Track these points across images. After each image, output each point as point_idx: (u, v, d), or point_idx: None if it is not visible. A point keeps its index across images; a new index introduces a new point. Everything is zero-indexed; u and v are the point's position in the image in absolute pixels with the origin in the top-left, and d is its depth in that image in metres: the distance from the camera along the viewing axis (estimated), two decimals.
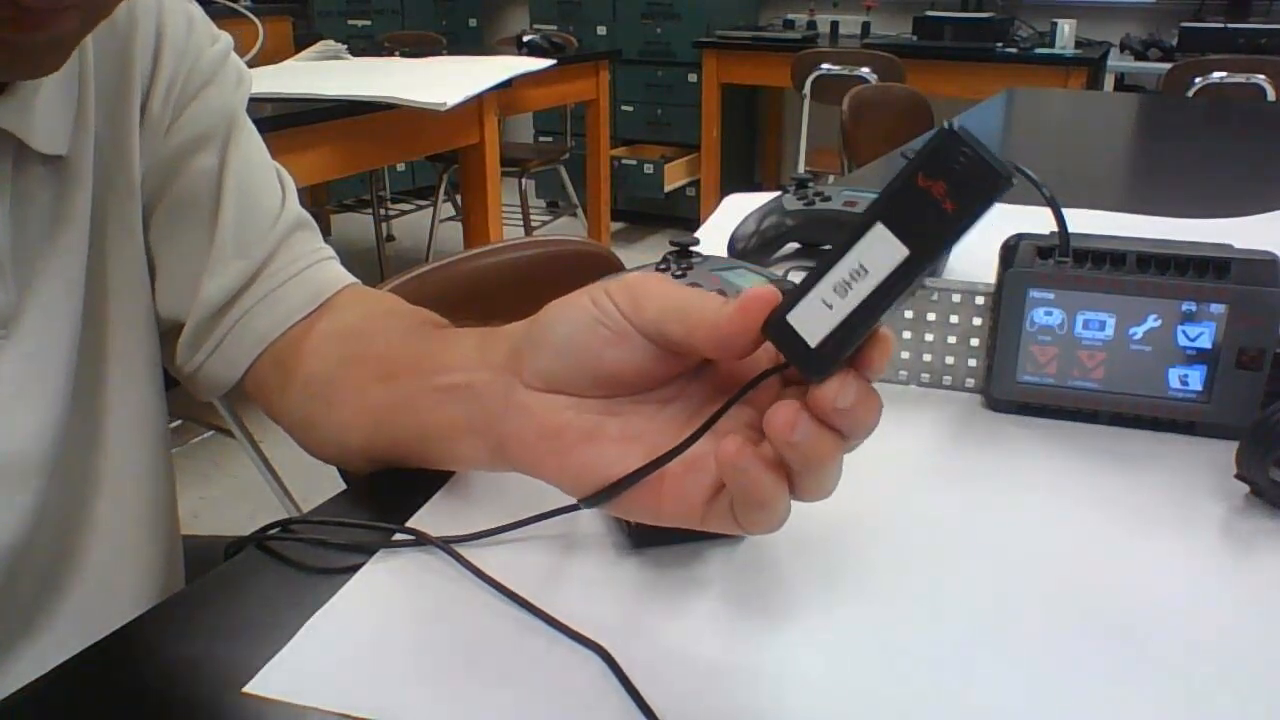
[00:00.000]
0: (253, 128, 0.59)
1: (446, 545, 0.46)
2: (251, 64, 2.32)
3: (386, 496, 0.52)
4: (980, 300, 0.61)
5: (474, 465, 0.48)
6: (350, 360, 0.54)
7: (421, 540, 0.47)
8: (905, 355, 0.64)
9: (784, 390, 0.36)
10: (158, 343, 0.59)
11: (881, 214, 0.31)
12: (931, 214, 0.30)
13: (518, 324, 0.43)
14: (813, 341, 0.33)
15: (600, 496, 0.39)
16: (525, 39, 3.25)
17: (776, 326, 0.34)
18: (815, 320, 0.33)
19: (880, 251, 0.31)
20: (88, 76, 0.52)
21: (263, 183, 0.59)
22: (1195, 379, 0.57)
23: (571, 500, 0.41)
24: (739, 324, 0.35)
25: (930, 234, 0.30)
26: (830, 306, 0.33)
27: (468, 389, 0.44)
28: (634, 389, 0.39)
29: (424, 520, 0.49)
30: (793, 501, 0.35)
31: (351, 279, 0.60)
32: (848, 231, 0.32)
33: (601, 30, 4.31)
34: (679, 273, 0.67)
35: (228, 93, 0.58)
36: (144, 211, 0.56)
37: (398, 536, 0.47)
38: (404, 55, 2.88)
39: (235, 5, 2.50)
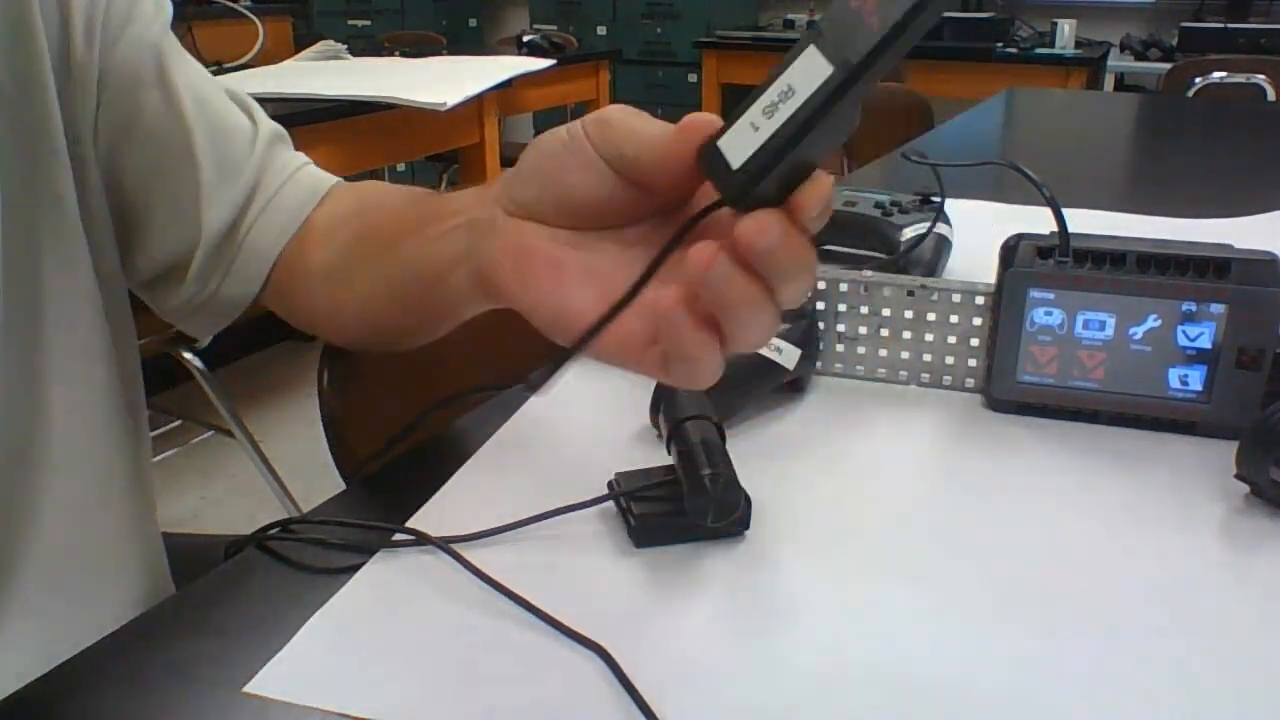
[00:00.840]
0: (183, 51, 0.58)
1: (446, 545, 0.46)
2: (251, 64, 2.33)
3: (386, 496, 0.52)
4: (980, 300, 0.61)
5: (464, 303, 0.48)
6: (359, 237, 0.55)
7: (421, 540, 0.47)
8: (905, 355, 0.64)
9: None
10: (101, 320, 0.57)
11: (813, 38, 0.31)
12: (860, 31, 0.30)
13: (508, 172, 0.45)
14: (736, 164, 0.32)
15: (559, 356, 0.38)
16: (525, 39, 3.25)
17: (707, 151, 0.33)
18: (742, 143, 0.32)
19: (807, 71, 0.31)
20: None
21: (221, 103, 0.59)
22: (1195, 379, 0.57)
23: (570, 501, 0.41)
24: (676, 142, 0.35)
25: (855, 50, 0.30)
26: (757, 129, 0.32)
27: (462, 226, 0.46)
28: (599, 222, 0.40)
29: (424, 520, 0.49)
30: (788, 497, 0.35)
31: (336, 178, 0.62)
32: (784, 58, 0.31)
33: (601, 30, 4.31)
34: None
35: (150, 25, 0.56)
36: (107, 167, 0.56)
37: (398, 536, 0.47)
38: (404, 55, 2.88)
39: (235, 5, 2.50)
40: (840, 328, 0.64)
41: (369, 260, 0.54)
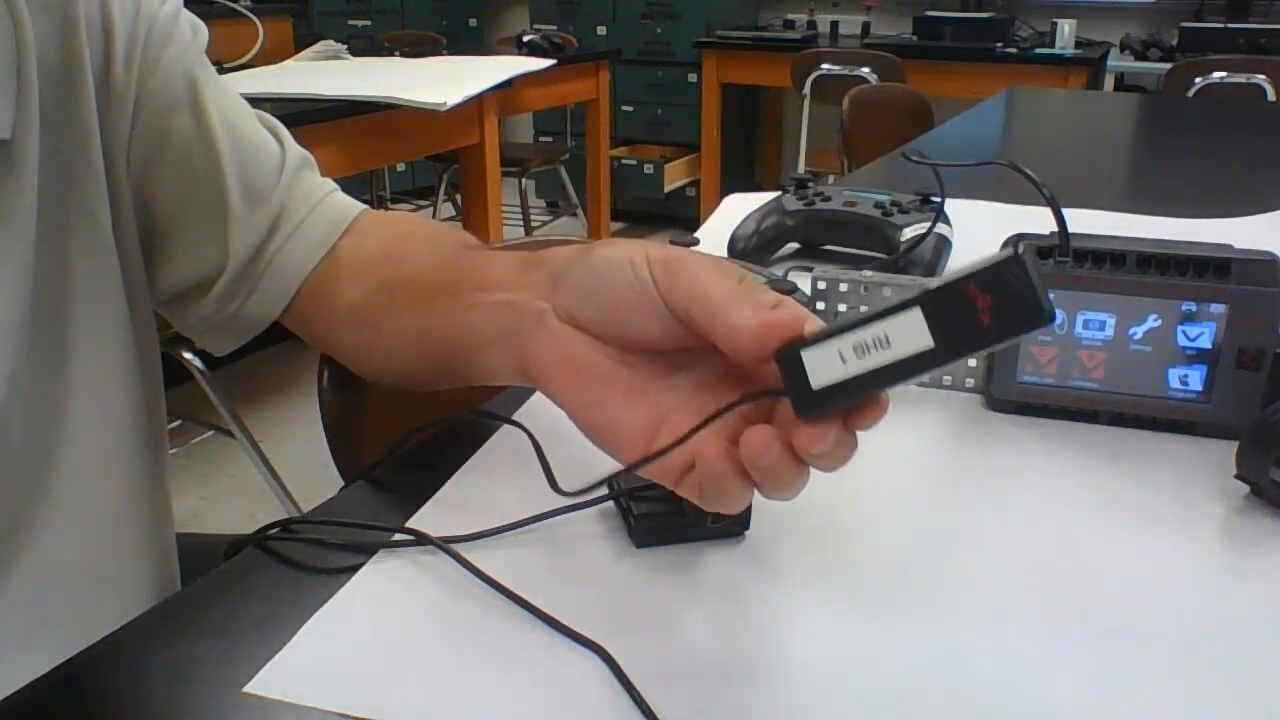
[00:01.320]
0: (218, 76, 0.59)
1: (446, 545, 0.46)
2: (251, 64, 2.33)
3: (387, 496, 0.52)
4: None
5: (502, 377, 0.49)
6: (388, 285, 0.55)
7: (421, 540, 0.47)
8: None
9: (776, 404, 0.37)
10: (129, 337, 0.57)
11: (924, 301, 0.33)
12: (968, 321, 0.32)
13: (563, 250, 0.45)
14: (815, 384, 0.34)
15: (610, 481, 0.41)
16: (525, 39, 3.25)
17: (788, 357, 0.35)
18: (826, 367, 0.34)
19: (909, 333, 0.33)
20: (28, 54, 0.49)
21: (251, 128, 0.59)
22: (1195, 379, 0.57)
23: (569, 501, 0.42)
24: (756, 341, 0.36)
25: (959, 338, 0.32)
26: (844, 361, 0.34)
27: (506, 305, 0.47)
28: (652, 350, 0.41)
29: (424, 520, 0.49)
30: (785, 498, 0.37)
31: (362, 205, 0.62)
32: (890, 304, 0.34)
33: (601, 30, 4.31)
34: None
35: (187, 49, 0.57)
36: (138, 186, 0.56)
37: (398, 536, 0.47)
38: (404, 55, 2.88)
39: (235, 5, 2.50)
40: None
41: (400, 311, 0.54)
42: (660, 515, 0.47)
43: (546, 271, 0.45)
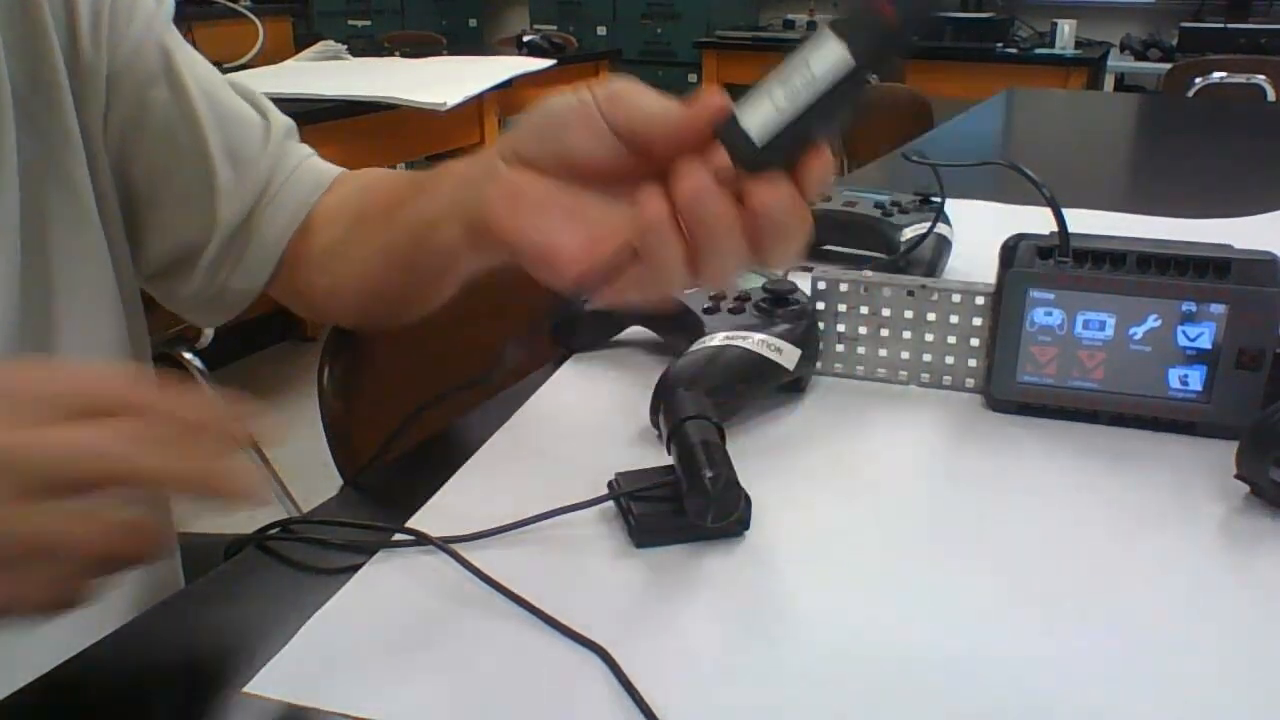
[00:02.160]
0: (188, 45, 0.59)
1: (446, 545, 0.46)
2: (251, 64, 2.33)
3: (386, 496, 0.52)
4: (980, 300, 0.61)
5: (456, 252, 0.50)
6: (358, 216, 0.57)
7: (421, 540, 0.47)
8: (905, 355, 0.64)
9: None
10: (119, 307, 0.57)
11: (833, 24, 0.35)
12: (874, 26, 0.35)
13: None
14: (760, 141, 0.36)
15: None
16: (525, 39, 3.26)
17: (725, 126, 0.37)
18: (763, 119, 0.36)
19: (828, 59, 0.35)
20: None
21: (227, 96, 0.59)
22: (1195, 379, 0.57)
23: (569, 501, 0.42)
24: (689, 119, 0.39)
25: (872, 44, 0.35)
26: (778, 107, 0.36)
27: (459, 178, 0.49)
28: (594, 180, 0.43)
29: (423, 520, 0.49)
30: (788, 497, 0.37)
31: (340, 169, 0.63)
32: (800, 42, 0.36)
33: (601, 30, 4.31)
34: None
35: (153, 18, 0.56)
36: (118, 162, 0.56)
37: (398, 537, 0.47)
38: (404, 55, 2.88)
39: (235, 5, 2.50)
40: (840, 328, 0.64)
41: (367, 232, 0.56)
42: (660, 515, 0.47)
43: (500, 138, 0.47)
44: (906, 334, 0.63)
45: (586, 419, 0.60)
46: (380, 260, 0.55)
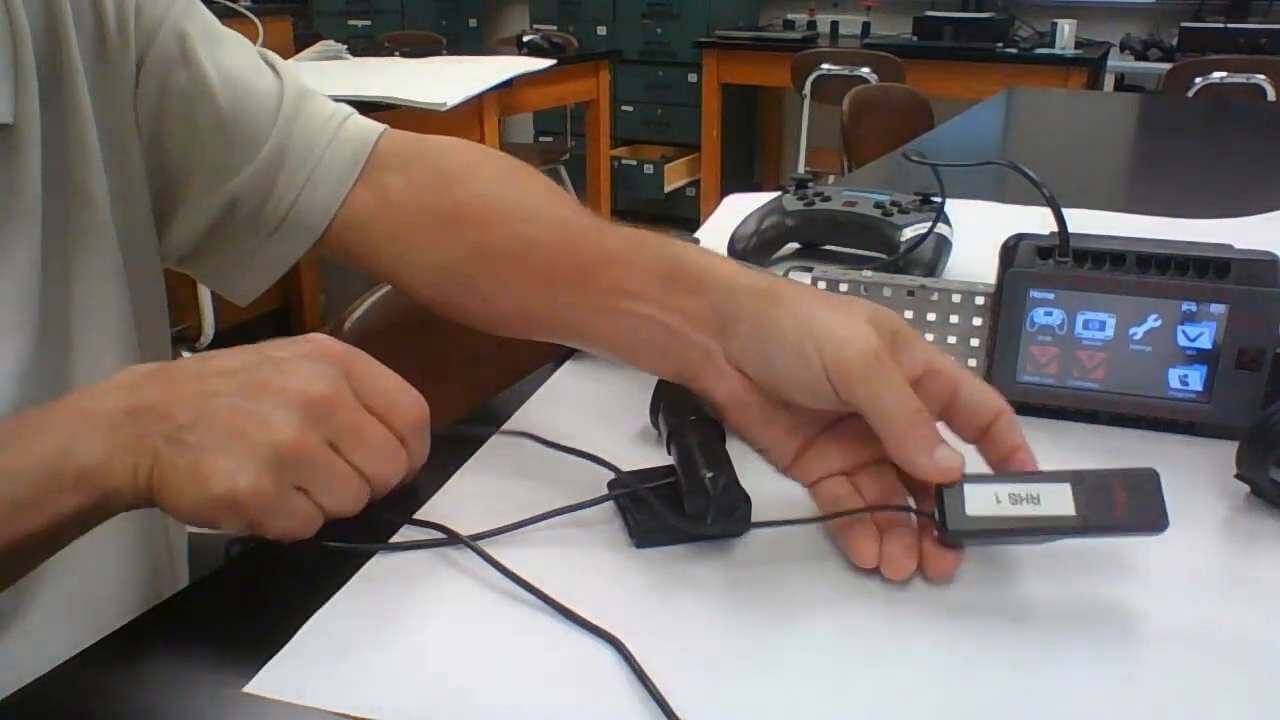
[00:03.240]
0: (207, 20, 0.59)
1: (473, 542, 0.46)
2: None
3: (386, 497, 0.52)
4: (980, 300, 0.61)
5: (654, 371, 0.53)
6: (485, 254, 0.57)
7: (442, 537, 0.47)
8: None
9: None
10: (129, 312, 0.57)
11: (1074, 480, 0.41)
12: (1105, 506, 0.40)
13: (712, 282, 0.48)
14: (970, 512, 0.41)
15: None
16: (525, 39, 3.26)
17: (951, 491, 0.42)
18: (982, 503, 0.41)
19: (1056, 499, 0.41)
20: (23, 38, 0.49)
21: (249, 68, 0.59)
22: (1195, 379, 0.57)
23: (570, 501, 0.43)
24: (928, 477, 0.42)
25: (1094, 516, 0.41)
26: (999, 501, 0.41)
27: (656, 323, 0.49)
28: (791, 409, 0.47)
29: (426, 517, 0.49)
30: (788, 497, 0.38)
31: (381, 127, 0.63)
32: (1044, 473, 0.42)
33: (601, 30, 4.31)
34: None
35: (173, 6, 0.57)
36: (150, 149, 0.57)
37: (410, 534, 0.47)
38: (404, 55, 2.88)
39: (235, 5, 2.50)
40: None
41: (509, 286, 0.56)
42: (660, 516, 0.47)
43: (702, 302, 0.48)
44: None
45: (586, 419, 0.60)
46: (529, 320, 0.56)
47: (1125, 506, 0.40)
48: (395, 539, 0.47)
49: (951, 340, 0.63)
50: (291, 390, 0.41)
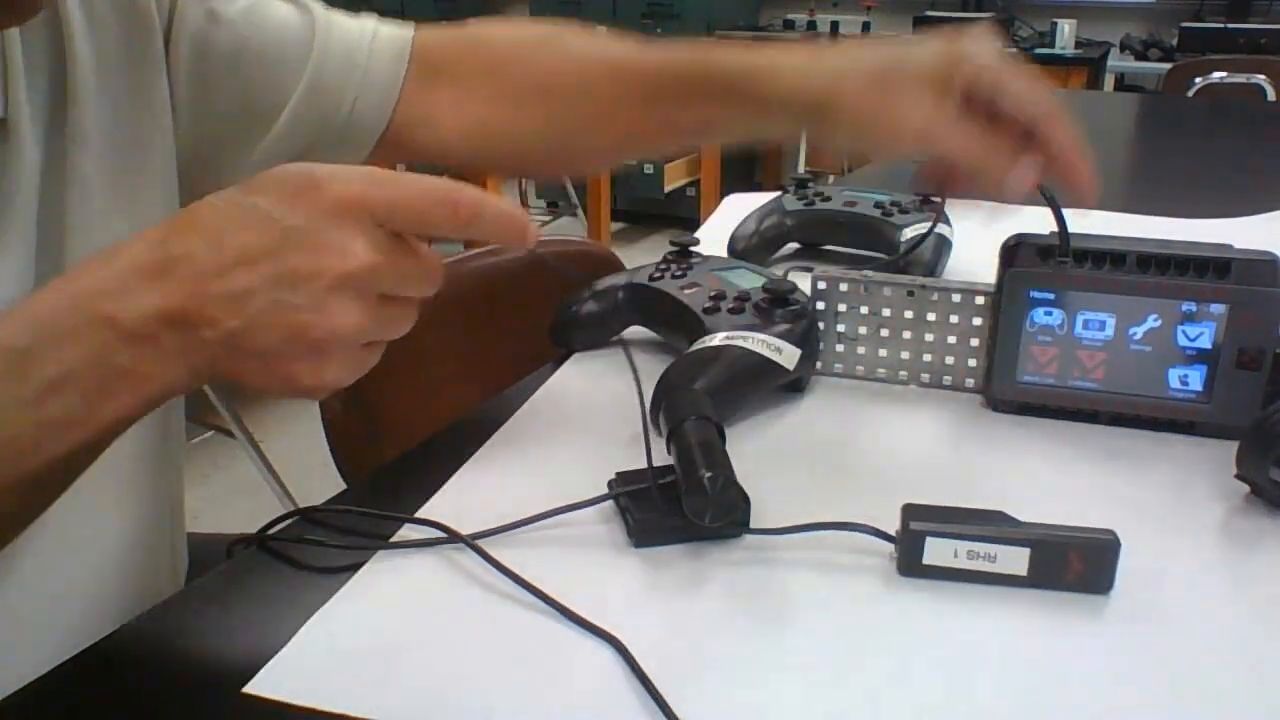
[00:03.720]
0: None
1: (473, 542, 0.46)
2: None
3: (384, 497, 0.52)
4: (980, 300, 0.61)
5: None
6: (590, 91, 0.63)
7: (450, 537, 0.47)
8: (905, 355, 0.64)
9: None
10: None
11: (1033, 544, 0.43)
12: (1059, 570, 0.43)
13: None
14: (926, 561, 0.44)
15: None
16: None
17: (911, 532, 0.44)
18: (940, 553, 0.44)
19: (1012, 559, 0.43)
20: (11, 34, 0.50)
21: (269, 15, 0.61)
22: (1195, 379, 0.57)
23: (570, 501, 0.43)
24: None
25: (1047, 577, 0.43)
26: (955, 556, 0.44)
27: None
28: None
29: (426, 517, 0.49)
30: (788, 497, 0.37)
31: (411, 27, 0.66)
32: (1005, 534, 0.44)
33: (601, 30, 4.31)
34: (678, 273, 0.67)
35: None
36: (196, 107, 0.59)
37: (410, 533, 0.47)
38: None
39: None
40: (840, 328, 0.64)
41: (628, 110, 0.62)
42: (660, 515, 0.47)
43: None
44: (906, 334, 0.63)
45: (586, 419, 0.60)
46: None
47: (1078, 574, 0.43)
48: (395, 539, 0.47)
49: (951, 340, 0.63)
50: (330, 272, 0.38)
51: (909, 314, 0.63)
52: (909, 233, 0.80)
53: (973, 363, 0.63)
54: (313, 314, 0.38)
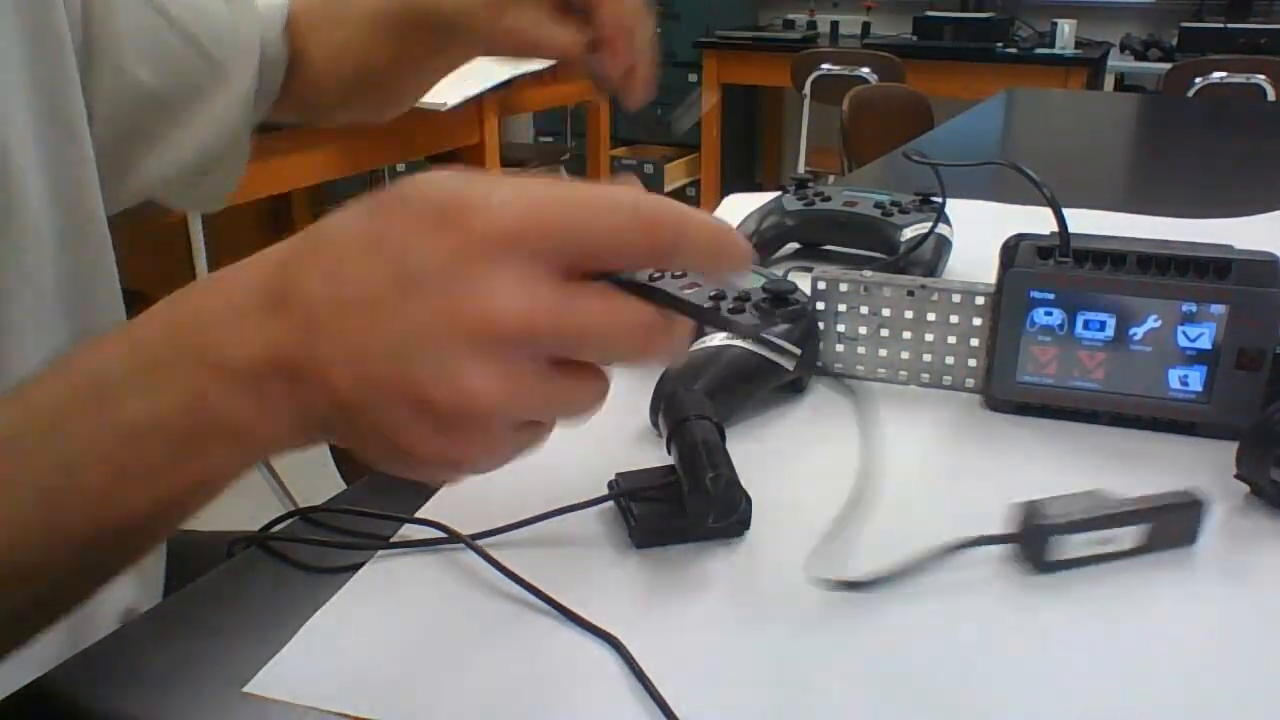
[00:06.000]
0: None
1: (473, 542, 0.46)
2: None
3: (384, 497, 0.52)
4: (980, 300, 0.61)
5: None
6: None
7: (450, 537, 0.47)
8: (905, 355, 0.64)
9: None
10: (65, 290, 0.54)
11: (1151, 513, 0.46)
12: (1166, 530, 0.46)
13: None
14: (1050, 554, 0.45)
15: None
16: None
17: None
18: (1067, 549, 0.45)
19: (1130, 536, 0.46)
20: None
21: None
22: (1195, 379, 0.57)
23: (570, 501, 0.43)
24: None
25: (1156, 543, 0.46)
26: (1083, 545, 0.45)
27: None
28: None
29: (426, 517, 0.49)
30: (788, 497, 0.37)
31: None
32: (1129, 514, 0.46)
33: None
34: (678, 272, 0.67)
35: None
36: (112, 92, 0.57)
37: (410, 533, 0.47)
38: None
39: None
40: (840, 328, 0.64)
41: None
42: (660, 516, 0.47)
43: None
44: (906, 334, 0.63)
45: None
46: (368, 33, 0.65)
47: (1175, 534, 0.46)
48: (395, 539, 0.47)
49: (951, 340, 0.63)
50: (467, 331, 0.29)
51: (909, 314, 0.63)
52: (909, 233, 0.80)
53: (972, 363, 0.63)
54: (442, 383, 0.30)
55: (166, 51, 0.59)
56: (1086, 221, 0.59)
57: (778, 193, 0.90)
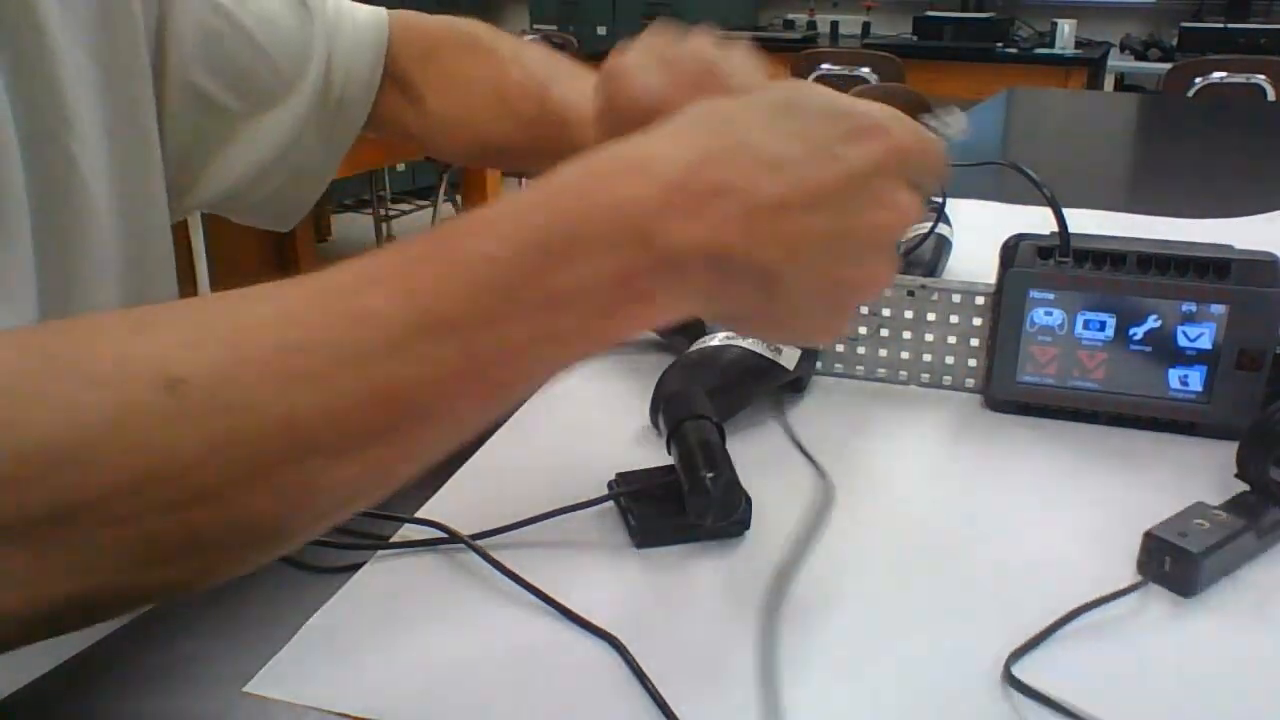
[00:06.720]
0: None
1: (473, 542, 0.46)
2: None
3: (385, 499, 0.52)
4: (980, 300, 0.61)
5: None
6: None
7: (450, 537, 0.47)
8: (905, 355, 0.64)
9: None
10: (125, 281, 0.55)
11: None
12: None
13: None
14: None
15: None
16: (525, 39, 3.25)
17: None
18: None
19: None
20: None
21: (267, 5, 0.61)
22: (1195, 379, 0.57)
23: (571, 501, 0.43)
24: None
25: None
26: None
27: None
28: None
29: (426, 517, 0.49)
30: (788, 497, 0.38)
31: (382, 13, 0.66)
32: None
33: (601, 30, 4.30)
34: None
35: None
36: (191, 94, 0.57)
37: (410, 533, 0.47)
38: None
39: None
40: None
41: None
42: (660, 515, 0.47)
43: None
44: (906, 334, 0.63)
45: (586, 419, 0.60)
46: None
47: None
48: (395, 539, 0.47)
49: (951, 340, 0.63)
50: (886, 231, 0.36)
51: (909, 314, 0.63)
52: (909, 233, 0.80)
53: (972, 363, 0.63)
54: (853, 270, 0.35)
55: (234, 63, 0.58)
56: (1086, 221, 0.59)
57: None
